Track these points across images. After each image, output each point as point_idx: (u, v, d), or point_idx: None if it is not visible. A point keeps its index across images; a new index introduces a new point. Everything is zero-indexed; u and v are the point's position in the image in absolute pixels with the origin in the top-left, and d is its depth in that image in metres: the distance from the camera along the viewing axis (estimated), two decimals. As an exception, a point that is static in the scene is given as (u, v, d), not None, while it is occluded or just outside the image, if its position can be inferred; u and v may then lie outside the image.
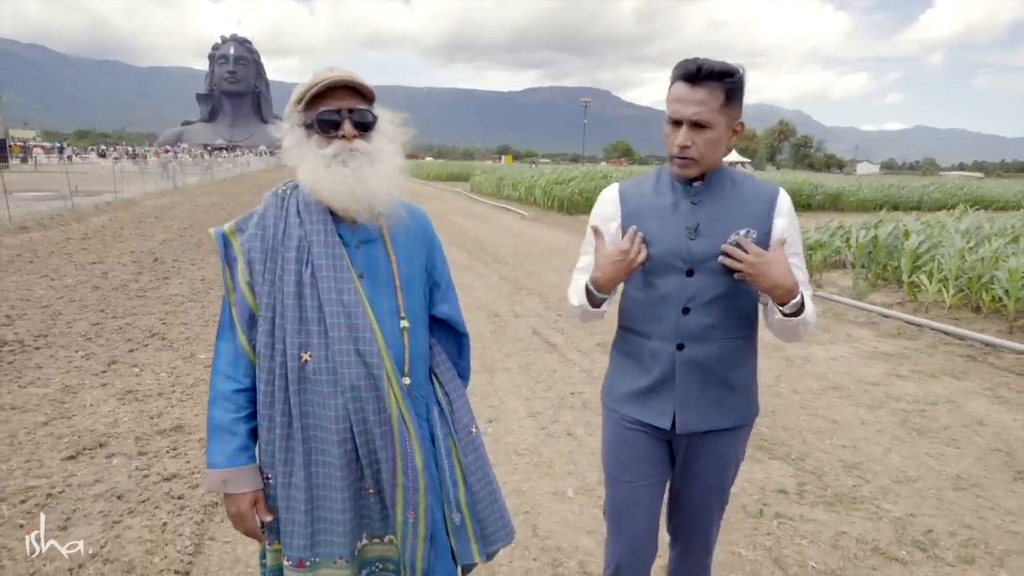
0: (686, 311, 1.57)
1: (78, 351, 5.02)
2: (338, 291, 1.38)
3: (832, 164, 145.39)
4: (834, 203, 23.43)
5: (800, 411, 4.27)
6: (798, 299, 1.50)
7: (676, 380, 1.61)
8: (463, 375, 1.68)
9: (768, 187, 1.62)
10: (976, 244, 7.92)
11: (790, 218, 1.59)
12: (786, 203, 1.60)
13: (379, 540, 1.50)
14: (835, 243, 9.41)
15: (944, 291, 7.13)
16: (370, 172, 1.38)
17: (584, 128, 74.05)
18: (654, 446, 1.69)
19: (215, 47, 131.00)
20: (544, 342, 5.71)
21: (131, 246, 10.18)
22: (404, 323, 1.47)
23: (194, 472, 3.21)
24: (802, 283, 1.56)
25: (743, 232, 1.51)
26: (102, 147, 78.35)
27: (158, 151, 61.94)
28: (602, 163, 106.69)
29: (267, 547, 1.50)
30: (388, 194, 1.41)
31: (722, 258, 1.51)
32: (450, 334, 1.65)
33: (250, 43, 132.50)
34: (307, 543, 1.41)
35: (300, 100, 1.38)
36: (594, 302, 1.62)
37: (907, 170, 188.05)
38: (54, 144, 72.15)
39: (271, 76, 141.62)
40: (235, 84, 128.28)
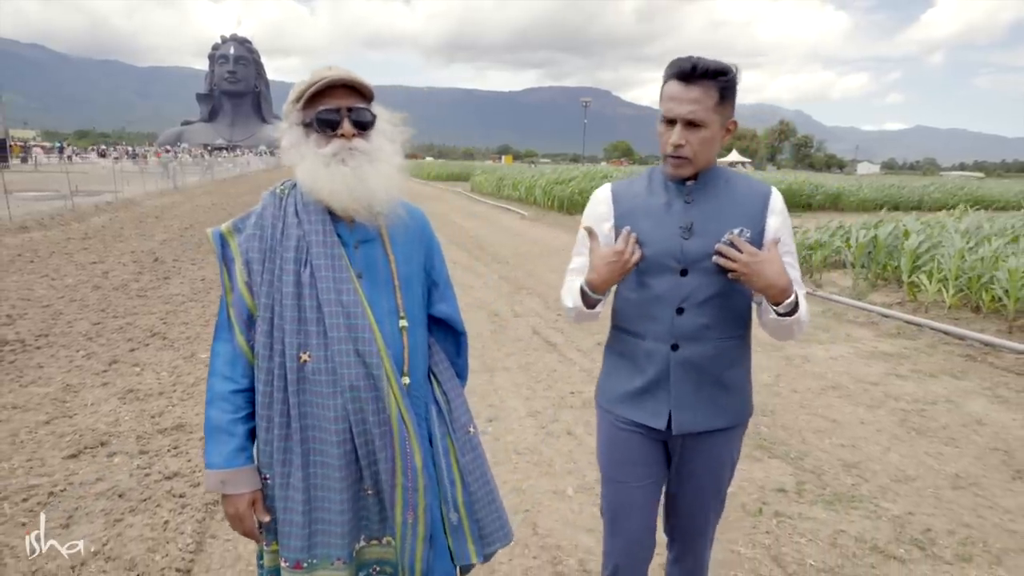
0: (680, 311, 1.57)
1: (79, 350, 5.03)
2: (337, 291, 1.38)
3: (832, 164, 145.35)
4: (834, 203, 23.41)
5: (799, 410, 4.28)
6: (792, 298, 1.49)
7: (671, 381, 1.60)
8: (461, 374, 1.68)
9: (761, 186, 1.62)
10: (976, 244, 7.92)
11: (783, 217, 1.59)
12: (779, 202, 1.60)
13: (377, 542, 1.50)
14: (835, 243, 9.41)
15: (944, 291, 7.14)
16: (369, 171, 1.38)
17: (584, 128, 74.05)
18: (649, 447, 1.69)
19: (215, 47, 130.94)
20: (544, 341, 5.72)
21: (131, 246, 10.19)
22: (403, 323, 1.47)
23: (195, 471, 3.22)
24: (795, 282, 1.56)
25: (737, 231, 1.51)
26: (102, 147, 78.35)
27: (158, 151, 61.94)
28: (602, 163, 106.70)
29: (264, 548, 1.50)
30: (387, 193, 1.41)
31: (716, 258, 1.51)
32: (448, 333, 1.65)
33: (250, 43, 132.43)
34: (304, 544, 1.41)
35: (299, 99, 1.38)
36: (589, 303, 1.61)
37: (907, 170, 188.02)
38: (54, 144, 72.16)
39: (271, 76, 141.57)
40: (235, 84, 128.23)
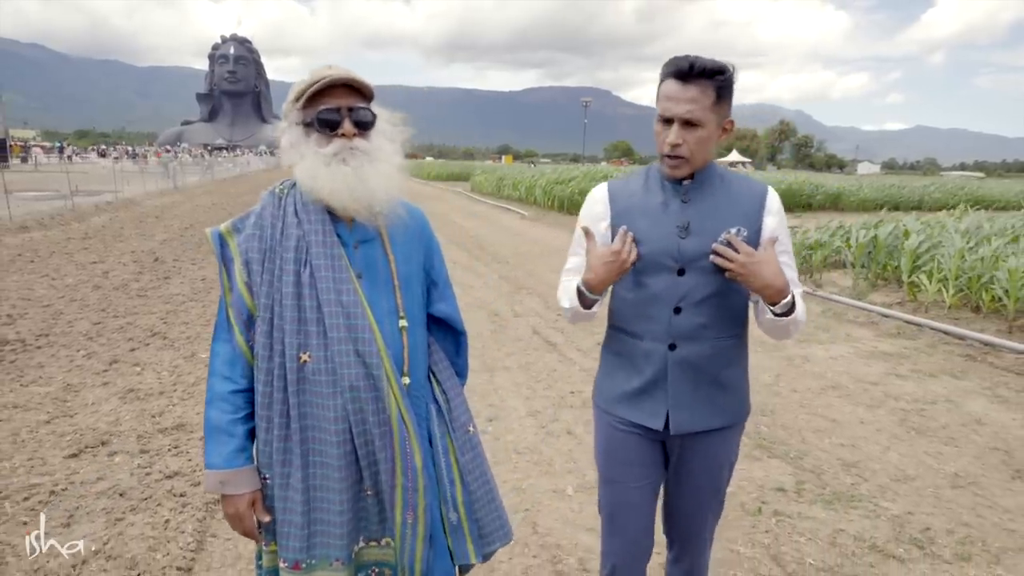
0: (678, 311, 1.57)
1: (79, 350, 5.03)
2: (337, 291, 1.38)
3: (833, 164, 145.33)
4: (834, 203, 23.41)
5: (799, 410, 4.28)
6: (789, 299, 1.49)
7: (668, 380, 1.60)
8: (461, 374, 1.67)
9: (757, 185, 1.62)
10: (976, 244, 7.93)
11: (780, 216, 1.59)
12: (775, 201, 1.60)
13: (376, 543, 1.49)
14: (835, 243, 9.42)
15: (944, 291, 7.14)
16: (370, 171, 1.38)
17: (584, 128, 74.04)
18: (647, 447, 1.68)
19: (215, 47, 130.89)
20: (544, 341, 5.73)
21: (132, 246, 10.19)
22: (403, 323, 1.46)
23: (196, 470, 3.23)
24: (792, 281, 1.56)
25: (734, 231, 1.51)
26: (102, 147, 78.36)
27: (158, 151, 61.96)
28: (602, 163, 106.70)
29: (263, 548, 1.50)
30: (387, 193, 1.41)
31: (713, 257, 1.50)
32: (448, 333, 1.65)
33: (250, 43, 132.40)
34: (303, 545, 1.40)
35: (298, 98, 1.37)
36: (585, 304, 1.61)
37: (908, 170, 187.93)
38: (54, 144, 72.19)
39: (271, 76, 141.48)
40: (235, 84, 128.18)
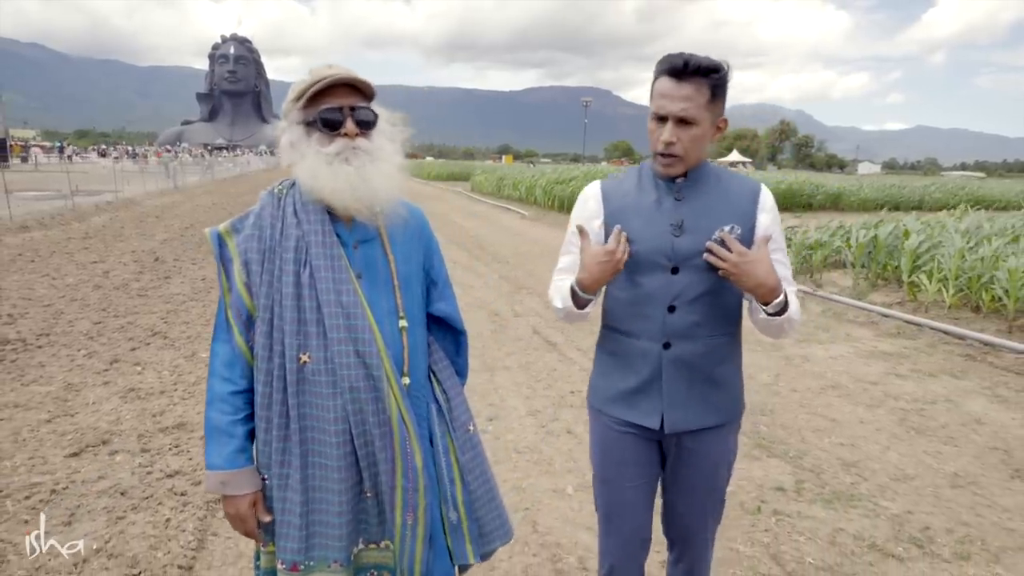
0: (672, 309, 1.56)
1: (80, 349, 5.04)
2: (336, 292, 1.37)
3: (833, 164, 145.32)
4: (835, 203, 23.40)
5: (799, 409, 4.29)
6: (781, 298, 1.48)
7: (663, 379, 1.59)
8: (461, 373, 1.67)
9: (751, 183, 1.61)
10: (976, 244, 7.93)
11: (773, 214, 1.59)
12: (769, 199, 1.59)
13: (376, 546, 1.49)
14: (835, 243, 9.41)
15: (944, 291, 7.15)
16: (372, 171, 1.37)
17: (585, 128, 74.04)
18: (643, 447, 1.67)
19: (215, 46, 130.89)
20: (544, 341, 5.73)
21: (132, 245, 10.20)
22: (403, 323, 1.46)
23: (196, 469, 3.23)
24: (786, 279, 1.55)
25: (727, 228, 1.50)
26: (102, 147, 78.39)
27: (159, 151, 61.97)
28: (603, 163, 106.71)
29: (261, 549, 1.50)
30: (389, 193, 1.40)
31: (706, 255, 1.49)
32: (448, 332, 1.64)
33: (250, 42, 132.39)
34: (301, 546, 1.39)
35: (299, 97, 1.36)
36: (579, 304, 1.59)
37: (908, 170, 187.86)
38: (54, 143, 72.21)
39: (271, 76, 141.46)
40: (235, 84, 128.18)
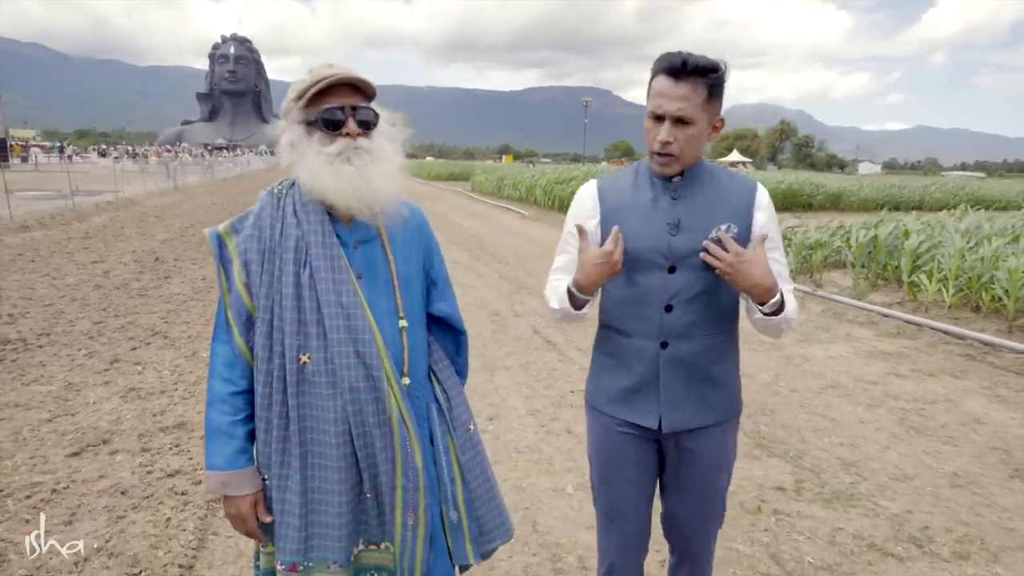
0: (669, 308, 1.55)
1: (81, 349, 5.05)
2: (336, 292, 1.37)
3: (833, 164, 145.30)
4: (835, 203, 23.40)
5: (799, 409, 4.29)
6: (777, 298, 1.48)
7: (660, 379, 1.58)
8: (461, 373, 1.67)
9: (746, 181, 1.61)
10: (976, 244, 7.93)
11: (770, 212, 1.58)
12: (765, 197, 1.59)
13: (376, 547, 1.48)
14: (835, 243, 9.42)
15: (944, 291, 7.15)
16: (374, 170, 1.37)
17: (585, 128, 74.04)
18: (641, 447, 1.67)
19: (215, 46, 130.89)
20: (544, 341, 5.74)
21: (132, 245, 10.21)
22: (403, 323, 1.46)
23: (197, 468, 3.24)
24: (782, 277, 1.55)
25: (723, 227, 1.49)
26: (102, 147, 78.41)
27: (159, 151, 62.00)
28: (603, 163, 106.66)
29: (261, 549, 1.49)
30: (390, 193, 1.40)
31: (702, 255, 1.49)
32: (448, 332, 1.64)
33: (250, 42, 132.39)
34: (300, 547, 1.39)
35: (300, 97, 1.36)
36: (576, 305, 1.58)
37: (909, 170, 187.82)
38: (54, 143, 72.23)
39: (271, 75, 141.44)
40: (235, 83, 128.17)
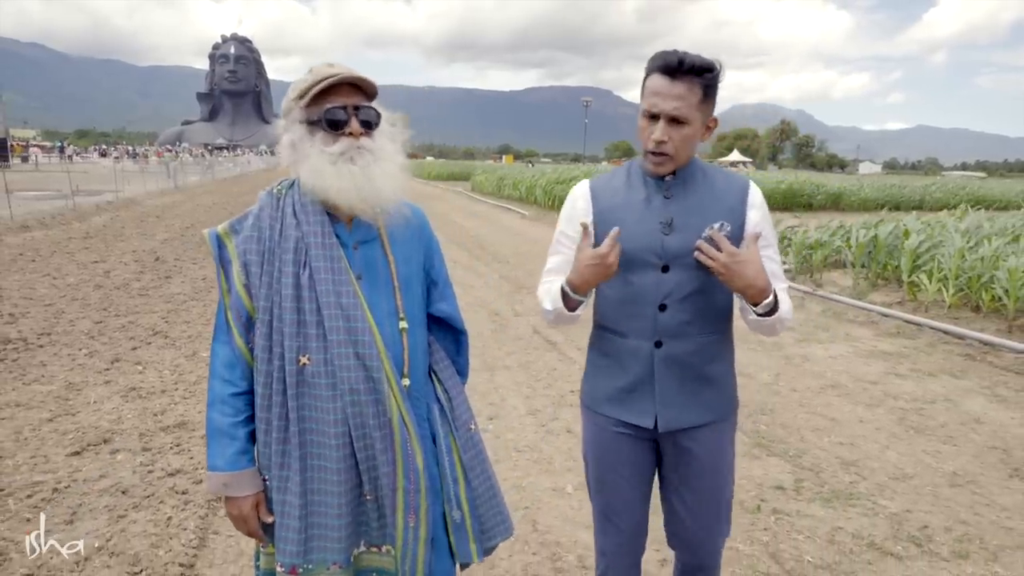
0: (663, 308, 1.54)
1: (81, 349, 5.05)
2: (336, 294, 1.36)
3: (834, 164, 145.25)
4: (835, 203, 23.37)
5: (798, 409, 4.29)
6: (771, 299, 1.47)
7: (655, 378, 1.58)
8: (462, 372, 1.67)
9: (739, 179, 1.60)
10: (976, 244, 7.93)
11: (763, 210, 1.58)
12: (758, 195, 1.59)
13: (377, 550, 1.48)
14: (835, 243, 9.41)
15: (944, 290, 7.15)
16: (376, 170, 1.36)
17: (585, 128, 74.04)
18: (638, 447, 1.67)
19: (216, 46, 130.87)
20: (544, 340, 5.74)
21: (133, 245, 10.21)
22: (403, 324, 1.45)
23: (197, 468, 3.25)
24: (776, 276, 1.54)
25: (717, 226, 1.49)
26: (103, 147, 78.45)
27: (159, 150, 62.03)
28: (603, 162, 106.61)
29: (261, 550, 1.49)
30: (393, 193, 1.39)
31: (697, 254, 1.48)
32: (448, 332, 1.64)
33: (251, 42, 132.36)
34: (300, 549, 1.39)
35: (302, 96, 1.35)
36: (570, 306, 1.56)
37: (909, 170, 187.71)
38: (54, 143, 72.27)
39: (272, 75, 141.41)
40: (236, 83, 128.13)
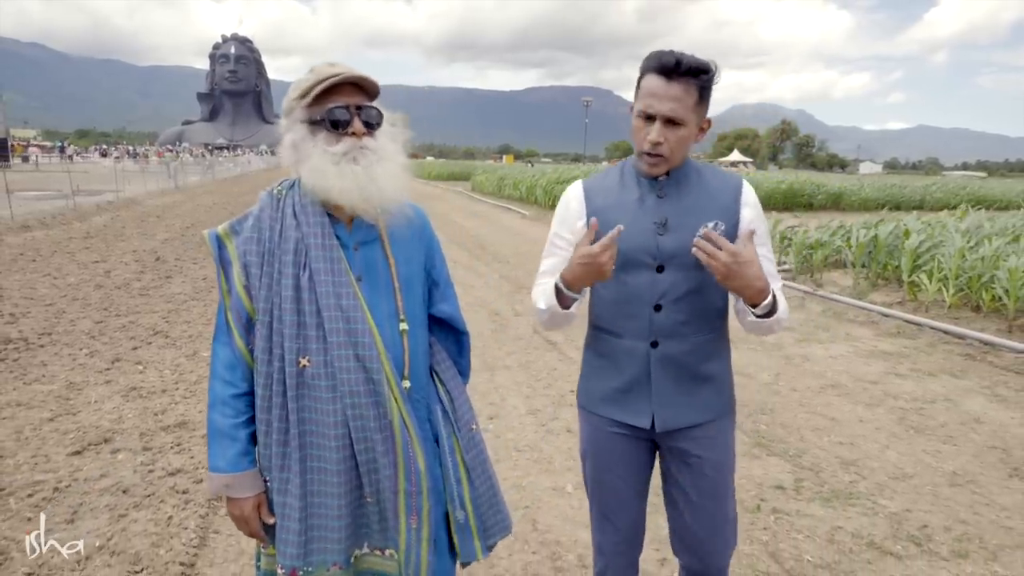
0: (658, 308, 1.55)
1: (82, 349, 5.06)
2: (336, 295, 1.36)
3: (834, 164, 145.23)
4: (836, 203, 23.37)
5: (798, 408, 4.30)
6: (769, 300, 1.46)
7: (652, 378, 1.58)
8: (463, 373, 1.66)
9: (732, 178, 1.60)
10: (976, 243, 7.93)
11: (756, 209, 1.58)
12: (751, 194, 1.59)
13: (379, 553, 1.47)
14: (836, 242, 9.41)
15: (944, 290, 7.15)
16: (379, 170, 1.36)
17: (585, 127, 74.04)
18: (635, 447, 1.67)
19: (216, 46, 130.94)
20: (544, 340, 5.74)
21: (133, 245, 10.22)
22: (403, 325, 1.44)
23: (198, 467, 3.25)
24: (771, 274, 1.54)
25: (711, 225, 1.49)
26: (103, 147, 78.49)
27: (159, 150, 62.06)
28: (603, 162, 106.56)
29: (262, 550, 1.49)
30: (396, 192, 1.39)
31: (695, 251, 1.45)
32: (450, 333, 1.63)
33: (251, 42, 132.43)
34: (300, 551, 1.38)
35: (304, 95, 1.34)
36: (564, 303, 1.55)
37: (910, 170, 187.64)
38: (55, 143, 72.31)
39: (272, 75, 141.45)
40: (236, 83, 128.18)
